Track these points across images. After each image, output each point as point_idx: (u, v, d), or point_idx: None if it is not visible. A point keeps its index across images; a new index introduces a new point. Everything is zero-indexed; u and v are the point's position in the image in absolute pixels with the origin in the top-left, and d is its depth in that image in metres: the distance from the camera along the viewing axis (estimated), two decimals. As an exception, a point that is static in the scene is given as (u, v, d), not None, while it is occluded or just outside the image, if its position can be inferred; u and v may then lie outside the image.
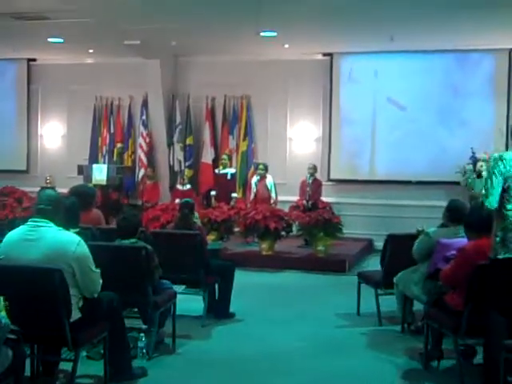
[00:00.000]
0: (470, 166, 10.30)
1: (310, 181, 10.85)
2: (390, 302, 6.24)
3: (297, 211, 10.24)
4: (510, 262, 4.15)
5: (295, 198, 10.86)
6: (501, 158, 4.21)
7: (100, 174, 11.38)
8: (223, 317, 6.39)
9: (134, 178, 12.49)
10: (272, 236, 9.49)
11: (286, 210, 10.24)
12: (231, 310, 6.49)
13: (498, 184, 4.17)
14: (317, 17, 8.91)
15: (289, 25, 9.37)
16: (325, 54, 11.77)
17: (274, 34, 9.93)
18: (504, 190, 4.19)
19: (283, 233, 9.60)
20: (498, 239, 4.21)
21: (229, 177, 11.34)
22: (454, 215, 5.46)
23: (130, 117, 12.70)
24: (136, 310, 5.23)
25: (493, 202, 4.17)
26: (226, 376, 4.86)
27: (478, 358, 4.79)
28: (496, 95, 11.01)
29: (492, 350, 4.19)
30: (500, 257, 4.17)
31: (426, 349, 5.01)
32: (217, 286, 6.49)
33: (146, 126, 12.40)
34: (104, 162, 12.29)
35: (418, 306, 5.85)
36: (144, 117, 12.38)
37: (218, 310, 6.42)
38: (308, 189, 10.79)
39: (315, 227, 9.53)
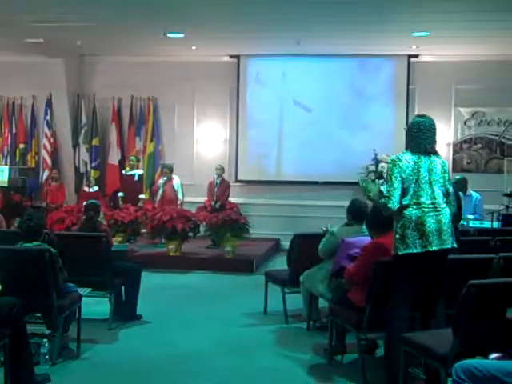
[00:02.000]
0: (372, 167, 10.66)
1: (218, 182, 10.91)
2: (296, 300, 6.36)
3: (204, 212, 10.27)
4: (410, 258, 4.32)
5: (203, 199, 10.88)
6: (398, 162, 4.40)
7: (1, 175, 10.99)
8: (130, 319, 6.32)
9: (37, 179, 12.12)
10: (179, 237, 9.46)
11: (194, 210, 10.23)
12: (138, 312, 6.43)
13: (398, 185, 4.35)
14: (224, 19, 8.98)
15: (196, 26, 9.39)
16: (232, 56, 11.84)
17: (182, 35, 9.92)
18: (403, 190, 4.37)
19: (191, 234, 9.59)
20: (397, 236, 4.38)
21: (136, 178, 11.23)
22: (355, 214, 5.64)
23: (34, 117, 12.34)
24: (39, 314, 5.09)
25: (395, 203, 4.35)
26: (133, 379, 4.81)
27: (380, 352, 4.98)
28: (396, 99, 11.44)
29: (392, 344, 4.35)
30: (400, 253, 4.34)
31: (330, 344, 5.15)
32: (123, 289, 6.41)
33: (50, 126, 12.08)
34: (5, 163, 11.89)
35: (323, 304, 6.00)
36: (48, 117, 12.06)
37: (125, 312, 6.35)
38: (216, 190, 10.84)
39: (223, 228, 9.58)
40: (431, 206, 4.34)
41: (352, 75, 11.56)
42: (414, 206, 4.33)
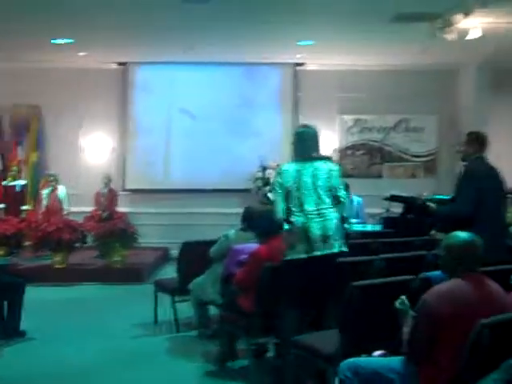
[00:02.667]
0: (260, 174, 10.80)
1: (105, 191, 10.70)
2: (186, 309, 6.33)
3: (92, 222, 10.02)
4: (296, 263, 4.41)
5: (90, 209, 10.62)
6: (280, 171, 4.51)
7: None
8: (13, 336, 6.04)
9: None
10: (65, 248, 9.18)
11: (81, 220, 9.96)
12: (22, 328, 6.16)
13: (281, 195, 4.45)
14: (112, 26, 8.81)
15: (84, 33, 9.15)
16: (120, 63, 11.66)
17: (69, 41, 9.65)
18: (288, 198, 4.47)
19: (77, 244, 9.32)
20: (285, 242, 4.47)
21: (18, 189, 10.80)
22: (247, 221, 5.70)
23: None
24: None
25: (281, 213, 4.44)
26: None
27: (270, 356, 5.04)
28: (283, 106, 11.67)
29: (282, 347, 4.42)
30: (287, 258, 4.42)
31: (221, 351, 5.16)
32: (5, 304, 6.13)
33: None
34: None
35: (213, 311, 6.00)
36: None
37: (7, 328, 6.07)
38: (103, 199, 10.62)
39: (110, 238, 9.38)
40: (315, 212, 4.44)
41: (239, 83, 11.67)
42: (299, 213, 4.42)
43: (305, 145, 4.58)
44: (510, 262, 4.57)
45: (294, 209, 4.43)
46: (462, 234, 3.36)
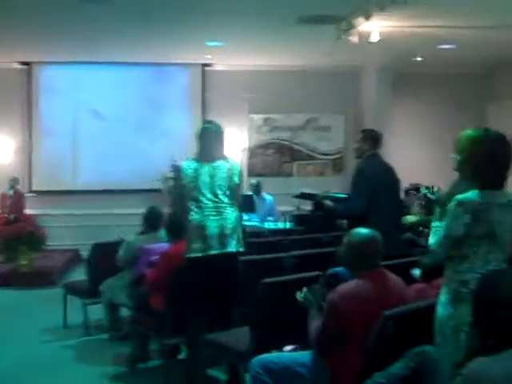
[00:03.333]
0: (170, 174, 10.73)
1: (11, 193, 10.38)
2: (98, 311, 6.23)
3: (-3, 225, 9.70)
4: (194, 262, 4.41)
5: (-5, 212, 10.27)
6: (181, 169, 4.54)
7: None
8: None
9: None
10: (-31, 253, 8.85)
11: (-15, 224, 9.62)
12: None
13: (182, 193, 4.50)
14: (11, 25, 8.53)
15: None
16: (23, 63, 11.31)
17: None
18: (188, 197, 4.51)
19: (-18, 249, 9.00)
20: (187, 241, 4.48)
21: None
22: (151, 222, 5.69)
23: None
24: None
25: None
26: None
27: (182, 356, 5.05)
28: (192, 107, 11.65)
29: (193, 347, 4.44)
30: (187, 257, 4.43)
31: (132, 353, 5.13)
32: None
33: None
34: None
35: (125, 313, 5.95)
36: None
37: None
38: (9, 201, 10.30)
39: (17, 241, 9.10)
40: (213, 210, 4.46)
41: (148, 83, 11.56)
42: (197, 210, 4.44)
43: (206, 142, 4.58)
44: (405, 256, 4.77)
45: (192, 207, 4.45)
46: (363, 231, 3.48)
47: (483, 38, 9.15)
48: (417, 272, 4.21)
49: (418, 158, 11.46)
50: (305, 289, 3.63)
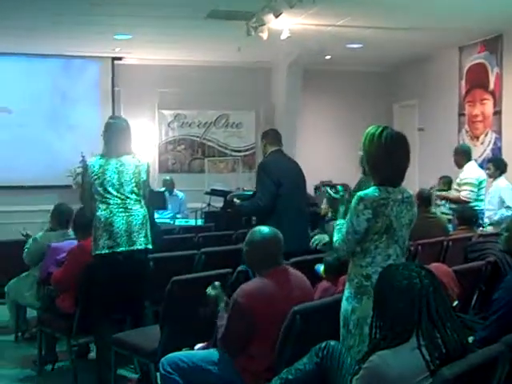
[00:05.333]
0: (80, 169, 10.48)
1: None
2: (3, 312, 6.03)
3: None
4: (101, 259, 4.35)
5: None
6: (87, 166, 4.49)
7: None
8: None
9: None
10: None
11: None
12: None
13: (88, 191, 4.44)
14: None
15: None
16: None
17: None
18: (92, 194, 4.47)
19: None
20: (92, 238, 4.41)
21: None
22: (59, 219, 5.56)
23: None
24: None
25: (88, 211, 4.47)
26: None
27: (93, 355, 4.98)
28: (102, 101, 11.41)
29: (102, 346, 4.38)
30: (93, 254, 4.37)
31: (39, 354, 5.01)
32: None
33: None
34: None
35: (32, 313, 5.79)
36: None
37: None
38: None
39: None
40: (121, 206, 4.40)
41: (56, 76, 11.21)
42: (103, 207, 4.38)
43: (113, 138, 4.51)
44: (312, 251, 4.87)
45: (98, 204, 4.39)
46: (264, 229, 3.53)
47: (388, 39, 9.46)
48: (320, 267, 4.31)
49: (329, 155, 11.69)
50: (215, 283, 3.65)
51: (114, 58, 11.37)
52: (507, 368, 2.52)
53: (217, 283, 3.66)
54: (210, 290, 3.62)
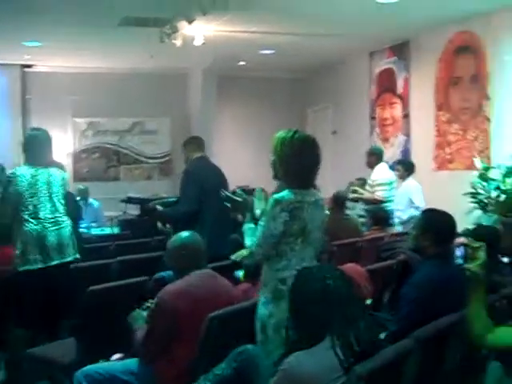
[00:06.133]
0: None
1: None
2: None
3: None
4: (31, 274, 4.27)
5: None
6: (14, 175, 4.34)
7: None
8: None
9: None
10: None
11: None
12: None
13: (10, 202, 4.30)
14: None
15: None
16: None
17: None
18: (22, 205, 4.32)
19: None
20: (17, 252, 4.30)
21: None
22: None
23: None
24: None
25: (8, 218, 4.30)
26: None
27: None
28: (12, 110, 11.08)
29: (14, 362, 4.24)
30: (20, 269, 4.26)
31: None
32: None
33: None
34: None
35: None
36: None
37: None
38: None
39: None
40: (52, 220, 4.35)
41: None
42: (35, 221, 4.28)
43: (38, 149, 4.46)
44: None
45: (27, 217, 4.28)
46: (183, 234, 3.53)
47: (300, 45, 9.61)
48: (240, 273, 4.34)
49: (246, 160, 11.75)
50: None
51: (23, 66, 11.05)
52: (418, 362, 2.61)
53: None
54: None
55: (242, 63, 11.04)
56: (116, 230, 8.54)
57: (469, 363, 2.86)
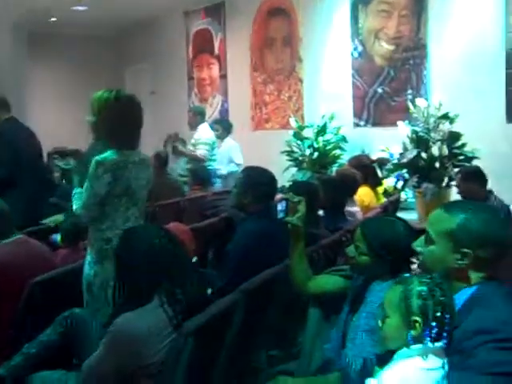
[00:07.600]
0: None
1: None
2: None
3: None
4: None
5: None
6: None
7: None
8: None
9: None
10: None
11: None
12: None
13: None
14: None
15: None
16: None
17: None
18: None
19: None
20: None
21: None
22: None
23: None
24: None
25: None
26: None
27: None
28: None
29: None
30: None
31: None
32: None
33: None
34: None
35: None
36: None
37: None
38: None
39: None
40: None
41: None
42: None
43: None
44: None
45: None
46: None
47: (113, 1, 9.32)
48: (57, 237, 4.22)
49: (62, 121, 11.26)
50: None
51: None
52: (243, 313, 2.71)
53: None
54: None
55: (53, 19, 10.49)
56: None
57: (291, 310, 3.01)
